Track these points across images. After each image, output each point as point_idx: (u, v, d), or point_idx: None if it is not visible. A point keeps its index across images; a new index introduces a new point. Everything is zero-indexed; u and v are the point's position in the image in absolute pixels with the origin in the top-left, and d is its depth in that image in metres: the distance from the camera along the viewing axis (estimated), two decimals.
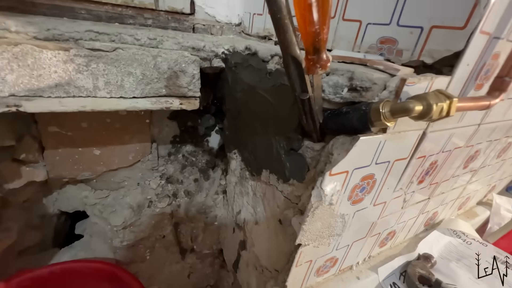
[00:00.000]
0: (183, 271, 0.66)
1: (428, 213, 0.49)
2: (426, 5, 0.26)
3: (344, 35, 0.34)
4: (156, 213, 0.57)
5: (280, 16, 0.19)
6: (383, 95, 0.24)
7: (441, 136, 0.32)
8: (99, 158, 0.54)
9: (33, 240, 0.58)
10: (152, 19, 0.44)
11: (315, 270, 0.36)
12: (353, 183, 0.27)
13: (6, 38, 0.31)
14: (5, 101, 0.32)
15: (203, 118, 0.61)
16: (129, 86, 0.38)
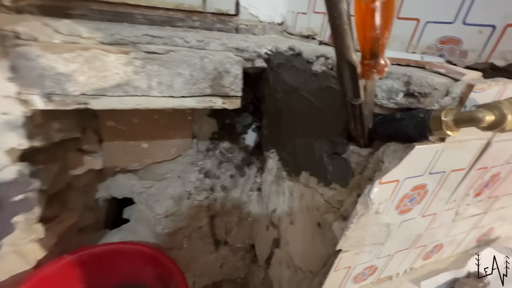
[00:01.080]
0: (216, 262, 0.70)
1: (483, 228, 0.44)
2: (500, 1, 0.24)
3: (397, 35, 0.32)
4: (195, 205, 0.61)
5: (340, 22, 0.18)
6: (445, 101, 0.22)
7: (509, 147, 0.29)
8: (146, 151, 0.59)
9: (89, 221, 0.65)
10: (199, 21, 0.46)
11: (353, 277, 0.35)
12: (402, 192, 0.26)
13: (79, 43, 0.35)
14: (77, 99, 0.36)
15: (241, 116, 0.63)
16: (178, 86, 0.40)
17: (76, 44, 0.34)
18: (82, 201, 0.61)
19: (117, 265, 0.57)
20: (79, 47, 0.34)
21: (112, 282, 0.58)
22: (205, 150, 0.65)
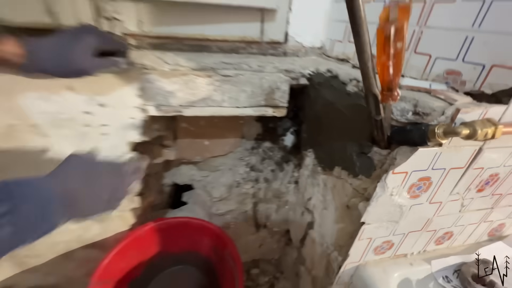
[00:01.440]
0: (256, 242, 0.83)
1: (492, 222, 0.52)
2: (489, 48, 0.33)
3: (415, 65, 0.42)
4: (242, 192, 0.75)
5: (367, 71, 0.30)
6: (441, 119, 0.33)
7: (501, 152, 0.38)
8: (207, 148, 0.74)
9: (158, 201, 0.83)
10: (257, 48, 0.60)
11: (373, 248, 0.46)
12: (411, 181, 0.37)
13: (179, 70, 0.50)
14: (175, 108, 0.51)
15: (282, 121, 0.75)
16: (242, 100, 0.54)
17: (178, 71, 0.50)
18: (155, 185, 0.78)
19: (183, 235, 0.73)
20: (180, 73, 0.49)
21: (177, 248, 0.74)
22: (250, 148, 0.79)
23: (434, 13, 0.38)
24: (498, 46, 0.32)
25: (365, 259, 0.47)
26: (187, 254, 0.76)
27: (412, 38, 0.42)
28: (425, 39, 0.40)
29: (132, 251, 0.67)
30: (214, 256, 0.73)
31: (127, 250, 0.65)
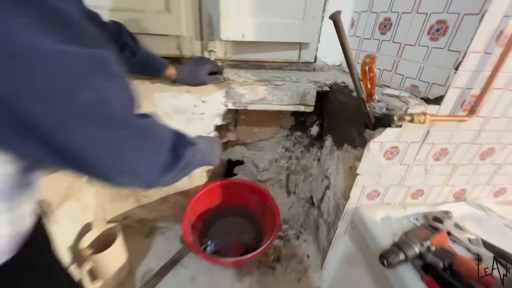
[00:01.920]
0: (287, 205, 1.12)
1: (454, 187, 0.76)
2: (430, 73, 0.59)
3: (395, 81, 0.69)
4: (279, 166, 1.05)
5: (357, 86, 0.58)
6: (400, 112, 0.59)
7: (444, 133, 0.63)
8: (255, 133, 1.05)
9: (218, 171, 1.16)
10: (295, 67, 0.89)
11: (366, 195, 0.73)
12: (385, 148, 0.64)
13: (247, 81, 0.82)
14: (244, 104, 0.83)
15: (310, 116, 1.04)
16: (285, 100, 0.84)
17: (247, 82, 0.81)
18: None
19: (237, 193, 1.05)
20: (248, 83, 0.81)
21: (232, 202, 1.07)
22: (285, 135, 1.09)
23: (405, 51, 0.65)
24: (434, 72, 0.58)
25: (361, 202, 0.75)
26: (238, 208, 1.08)
27: (393, 64, 0.69)
28: (401, 66, 0.67)
29: (205, 199, 1.00)
30: (258, 210, 1.04)
31: (202, 199, 0.99)
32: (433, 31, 0.57)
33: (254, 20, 0.75)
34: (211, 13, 0.76)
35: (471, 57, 0.52)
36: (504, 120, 0.63)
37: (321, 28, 0.82)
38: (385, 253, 0.56)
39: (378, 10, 0.72)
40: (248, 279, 0.91)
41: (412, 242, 0.57)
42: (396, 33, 0.67)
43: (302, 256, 1.01)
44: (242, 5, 0.72)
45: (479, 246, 0.60)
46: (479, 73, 0.55)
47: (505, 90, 0.58)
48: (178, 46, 0.80)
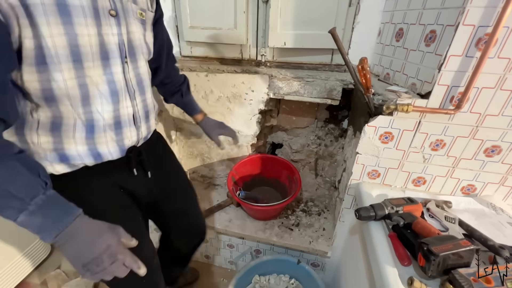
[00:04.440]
0: (314, 186, 1.32)
1: (460, 181, 0.81)
2: (423, 73, 0.72)
3: (402, 79, 0.82)
4: (309, 150, 1.26)
5: (357, 82, 0.77)
6: (392, 103, 0.74)
7: (436, 125, 0.73)
8: (293, 121, 1.30)
9: (263, 150, 1.46)
10: (328, 68, 1.10)
11: (367, 173, 0.88)
12: (379, 132, 0.79)
13: (286, 77, 1.08)
14: (281, 95, 1.09)
15: (342, 111, 1.21)
16: (314, 93, 1.06)
17: (285, 78, 1.07)
18: (263, 137, 1.41)
19: (272, 167, 1.32)
20: (286, 79, 1.07)
21: (268, 174, 1.34)
22: (320, 126, 1.29)
23: (410, 55, 0.78)
24: (426, 72, 0.71)
25: (362, 179, 0.90)
26: (273, 180, 1.35)
27: (402, 66, 0.82)
28: (406, 67, 0.80)
29: (247, 166, 1.31)
30: (288, 183, 1.28)
31: (245, 164, 1.30)
32: (427, 38, 0.70)
33: (293, 32, 1.01)
34: (263, 29, 1.07)
35: (451, 60, 0.64)
36: (505, 118, 0.68)
37: (351, 37, 1.01)
38: (359, 208, 0.73)
39: (396, 21, 0.86)
40: (269, 231, 1.17)
41: (385, 205, 0.71)
42: (406, 40, 0.80)
43: (319, 228, 1.19)
44: (285, 22, 0.99)
45: (452, 224, 0.68)
46: (464, 73, 0.65)
47: (497, 89, 0.65)
48: (241, 51, 1.14)
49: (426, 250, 0.54)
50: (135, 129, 0.61)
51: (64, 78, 0.45)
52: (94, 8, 0.47)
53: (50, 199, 0.42)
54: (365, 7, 0.95)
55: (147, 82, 0.63)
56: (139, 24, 0.57)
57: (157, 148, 0.77)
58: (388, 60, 0.91)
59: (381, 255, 0.63)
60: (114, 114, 0.55)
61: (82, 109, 0.50)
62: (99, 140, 0.55)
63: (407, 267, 0.60)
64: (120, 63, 0.53)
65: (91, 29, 0.47)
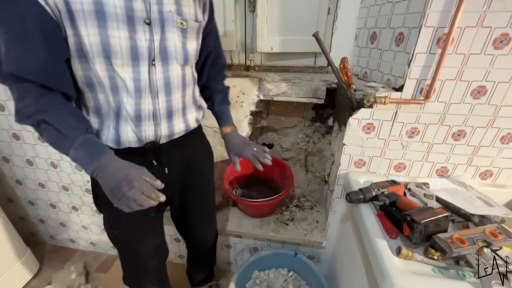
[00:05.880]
0: (305, 182, 1.39)
1: (434, 164, 0.91)
2: (396, 70, 0.82)
3: (378, 76, 0.92)
4: (299, 147, 1.34)
5: (340, 79, 0.86)
6: (371, 96, 0.83)
7: (410, 115, 0.83)
8: (282, 121, 1.37)
9: None
10: (312, 70, 1.20)
11: (353, 162, 0.96)
12: (362, 124, 0.87)
13: (274, 80, 1.16)
14: (271, 96, 1.17)
15: (327, 110, 1.30)
16: (301, 93, 1.14)
17: (274, 80, 1.15)
18: (254, 140, 1.47)
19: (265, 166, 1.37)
20: (274, 81, 1.15)
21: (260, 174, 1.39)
22: (307, 125, 1.37)
23: (383, 54, 0.89)
24: (398, 69, 0.81)
25: (350, 169, 0.98)
26: (266, 179, 1.41)
27: (377, 65, 0.92)
28: (381, 65, 0.91)
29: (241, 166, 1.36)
30: (280, 180, 1.34)
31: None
32: (397, 39, 0.81)
33: (279, 38, 1.10)
34: (251, 35, 1.15)
35: (418, 57, 0.75)
36: (466, 105, 0.79)
37: (331, 41, 1.11)
38: (349, 192, 0.80)
39: (369, 26, 0.97)
40: (265, 227, 1.21)
41: (371, 188, 0.79)
42: (379, 42, 0.91)
43: (312, 221, 1.25)
44: (271, 29, 1.08)
45: (430, 200, 0.77)
46: (429, 68, 0.76)
47: (457, 81, 0.76)
48: (231, 57, 1.21)
49: (409, 220, 0.62)
50: (153, 125, 0.65)
51: (96, 69, 0.54)
52: (128, 16, 0.53)
53: (88, 140, 0.55)
54: (342, 14, 1.06)
55: (176, 84, 0.66)
56: (179, 32, 0.62)
57: (189, 148, 0.79)
58: (365, 60, 1.01)
59: (371, 232, 0.70)
60: (135, 108, 0.61)
61: (112, 97, 0.59)
62: (122, 128, 0.62)
63: (395, 240, 0.68)
64: (147, 65, 0.59)
65: (122, 33, 0.53)
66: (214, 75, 0.88)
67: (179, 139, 0.73)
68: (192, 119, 0.75)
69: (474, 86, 0.76)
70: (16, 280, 1.21)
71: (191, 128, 0.76)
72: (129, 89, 0.58)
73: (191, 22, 0.64)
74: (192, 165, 0.83)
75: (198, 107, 0.80)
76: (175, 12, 0.60)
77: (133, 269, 0.85)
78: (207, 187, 0.94)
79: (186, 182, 0.83)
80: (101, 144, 0.57)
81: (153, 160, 0.71)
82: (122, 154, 0.62)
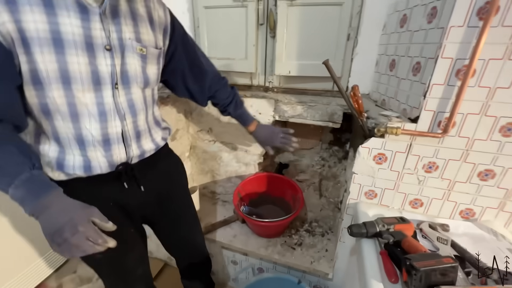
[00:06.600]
0: (318, 206, 1.34)
1: (457, 204, 0.82)
2: (411, 100, 0.78)
3: (395, 105, 0.88)
4: (314, 170, 1.31)
5: (351, 107, 0.84)
6: (384, 126, 0.80)
7: (427, 148, 0.77)
8: (299, 143, 1.36)
9: (270, 169, 1.52)
10: (330, 94, 1.19)
11: (364, 193, 0.91)
12: (373, 153, 0.83)
13: (290, 102, 1.17)
14: (286, 117, 1.18)
15: (345, 134, 1.27)
16: (316, 116, 1.14)
17: (290, 102, 1.17)
18: (270, 158, 1.48)
19: (277, 186, 1.37)
20: (291, 103, 1.16)
21: (273, 193, 1.39)
22: (324, 148, 1.34)
23: (401, 83, 0.85)
24: (414, 99, 0.77)
25: (360, 199, 0.93)
26: (278, 199, 1.39)
27: (395, 93, 0.89)
28: (399, 94, 0.87)
29: (253, 183, 1.37)
30: (292, 202, 1.32)
31: (251, 182, 1.36)
32: (414, 69, 0.78)
33: (297, 62, 1.12)
34: (271, 59, 1.20)
35: (435, 88, 0.70)
36: (494, 143, 0.71)
37: (351, 66, 1.10)
38: (352, 225, 0.76)
39: (389, 53, 0.94)
40: (271, 249, 1.19)
41: (376, 223, 0.74)
42: (398, 70, 0.88)
43: (321, 249, 1.19)
44: (289, 54, 1.12)
45: (444, 245, 0.69)
46: (448, 100, 0.71)
47: (482, 116, 0.69)
48: (250, 78, 1.27)
49: (408, 265, 0.56)
50: (124, 147, 0.66)
51: (54, 96, 0.53)
52: (87, 43, 0.54)
53: (33, 177, 0.49)
54: (363, 41, 1.05)
55: (139, 106, 0.67)
56: (139, 58, 0.64)
57: (161, 165, 0.81)
58: (384, 87, 0.98)
59: (369, 271, 0.65)
60: (102, 132, 0.61)
61: (72, 124, 0.57)
62: (90, 154, 0.61)
63: (395, 284, 0.62)
64: (111, 89, 0.60)
65: (82, 59, 0.54)
66: (214, 92, 0.92)
67: (150, 158, 0.75)
68: (158, 138, 0.77)
69: (503, 122, 0.68)
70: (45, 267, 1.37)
71: (160, 146, 0.78)
72: (93, 113, 0.58)
73: (150, 48, 0.66)
74: (166, 180, 0.83)
75: (163, 128, 0.82)
76: (134, 40, 0.62)
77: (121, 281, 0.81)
78: (185, 197, 0.94)
79: (164, 197, 0.83)
80: (47, 182, 0.51)
81: (125, 183, 0.70)
82: (92, 181, 0.64)
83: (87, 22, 0.54)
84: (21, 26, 0.48)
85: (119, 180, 0.69)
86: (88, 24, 0.54)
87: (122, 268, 0.78)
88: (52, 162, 0.61)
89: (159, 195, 0.82)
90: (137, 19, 0.64)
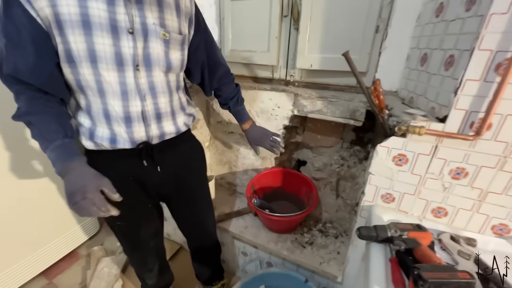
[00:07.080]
0: (334, 207, 1.29)
1: (489, 218, 0.72)
2: (442, 97, 0.70)
3: (423, 103, 0.80)
4: (331, 169, 1.26)
5: (372, 103, 0.79)
6: (406, 124, 0.73)
7: (455, 152, 0.69)
8: (318, 140, 1.32)
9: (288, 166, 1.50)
10: (354, 90, 1.12)
11: (380, 196, 0.85)
12: (393, 154, 0.77)
13: (311, 97, 1.14)
14: (305, 112, 1.15)
15: (368, 133, 1.19)
16: (337, 113, 1.09)
17: (310, 97, 1.13)
18: (288, 153, 1.46)
19: (293, 182, 1.34)
20: (311, 98, 1.13)
21: (288, 189, 1.37)
22: (345, 147, 1.28)
23: (431, 79, 0.77)
24: (444, 96, 0.69)
25: (376, 201, 0.87)
26: (292, 195, 1.37)
27: (424, 90, 0.81)
28: (428, 91, 0.79)
29: (269, 177, 1.37)
30: (306, 199, 1.29)
31: (266, 176, 1.36)
32: (446, 63, 0.70)
33: (320, 56, 1.08)
34: (293, 52, 1.17)
35: (468, 84, 0.62)
36: None
37: (378, 61, 1.03)
38: (361, 227, 0.72)
39: (421, 46, 0.86)
40: (281, 244, 1.18)
41: (388, 228, 0.69)
42: (429, 65, 0.80)
43: (333, 251, 1.15)
44: (312, 47, 1.08)
45: (466, 260, 0.62)
46: (484, 98, 0.62)
47: None
48: (272, 71, 1.26)
49: (416, 275, 0.52)
50: (144, 126, 0.70)
51: (84, 73, 0.60)
52: (112, 26, 0.59)
53: (64, 144, 0.60)
54: (393, 33, 0.97)
55: (160, 89, 0.71)
56: (162, 42, 0.67)
57: (182, 148, 0.85)
58: (413, 84, 0.90)
59: (374, 278, 0.61)
60: (124, 109, 0.66)
61: (100, 99, 0.64)
62: (115, 128, 0.67)
63: None
64: (132, 70, 0.64)
65: (107, 40, 0.59)
66: (220, 84, 0.95)
67: (171, 140, 0.79)
68: (181, 123, 0.80)
69: None
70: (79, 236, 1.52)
71: (181, 131, 0.81)
72: (116, 92, 0.63)
73: (173, 34, 0.69)
74: (185, 163, 0.87)
75: (188, 114, 0.84)
76: (158, 25, 0.65)
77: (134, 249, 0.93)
78: (201, 182, 0.97)
79: (181, 179, 0.87)
80: (74, 150, 0.61)
81: (144, 161, 0.75)
82: (116, 154, 0.71)
83: (112, 6, 0.60)
84: (57, 10, 0.54)
85: (139, 157, 0.75)
86: (113, 8, 0.60)
87: (136, 237, 0.87)
88: (86, 133, 0.69)
89: (176, 176, 0.86)
90: (163, 5, 0.67)
